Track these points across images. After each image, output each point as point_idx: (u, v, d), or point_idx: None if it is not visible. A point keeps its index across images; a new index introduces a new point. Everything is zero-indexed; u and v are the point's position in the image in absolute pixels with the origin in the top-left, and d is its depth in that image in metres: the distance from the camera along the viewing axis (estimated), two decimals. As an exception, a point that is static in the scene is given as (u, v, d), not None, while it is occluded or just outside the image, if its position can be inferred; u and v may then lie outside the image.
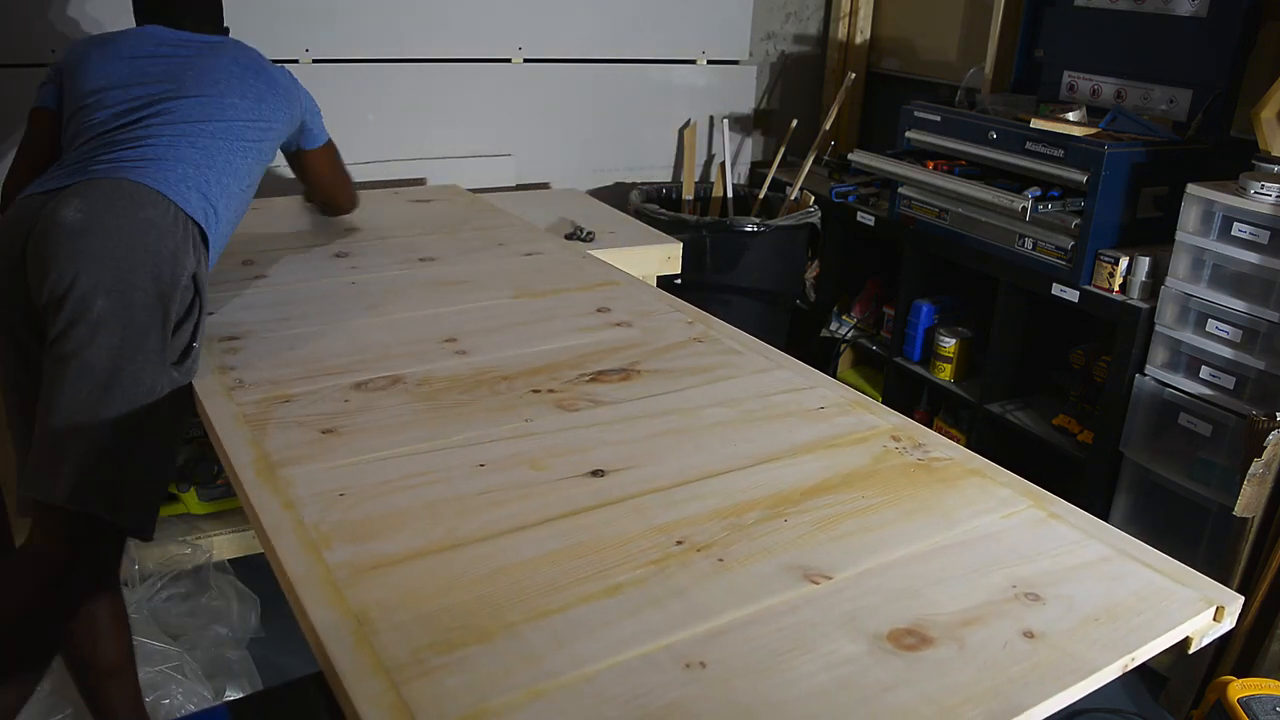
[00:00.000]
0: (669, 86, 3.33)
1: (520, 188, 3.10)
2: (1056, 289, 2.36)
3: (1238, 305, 2.03)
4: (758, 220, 2.90)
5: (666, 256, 2.44)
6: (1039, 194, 2.30)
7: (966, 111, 2.68)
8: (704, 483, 1.17)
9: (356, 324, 1.62)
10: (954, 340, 2.78)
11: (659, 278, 2.43)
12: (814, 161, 3.23)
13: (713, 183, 3.39)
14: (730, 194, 3.36)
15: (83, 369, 1.34)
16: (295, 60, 2.72)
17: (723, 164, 3.36)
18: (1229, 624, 0.99)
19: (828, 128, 3.22)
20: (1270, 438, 1.85)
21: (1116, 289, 2.25)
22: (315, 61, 2.75)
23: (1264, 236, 1.97)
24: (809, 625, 0.92)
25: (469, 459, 1.20)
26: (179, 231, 1.44)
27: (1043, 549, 1.07)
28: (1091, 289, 2.30)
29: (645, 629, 0.91)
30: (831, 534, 1.07)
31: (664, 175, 3.43)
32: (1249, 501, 1.89)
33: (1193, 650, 0.99)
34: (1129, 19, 2.52)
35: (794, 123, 3.35)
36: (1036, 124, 2.35)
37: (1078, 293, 2.32)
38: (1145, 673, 2.13)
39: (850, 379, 3.25)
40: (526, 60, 3.06)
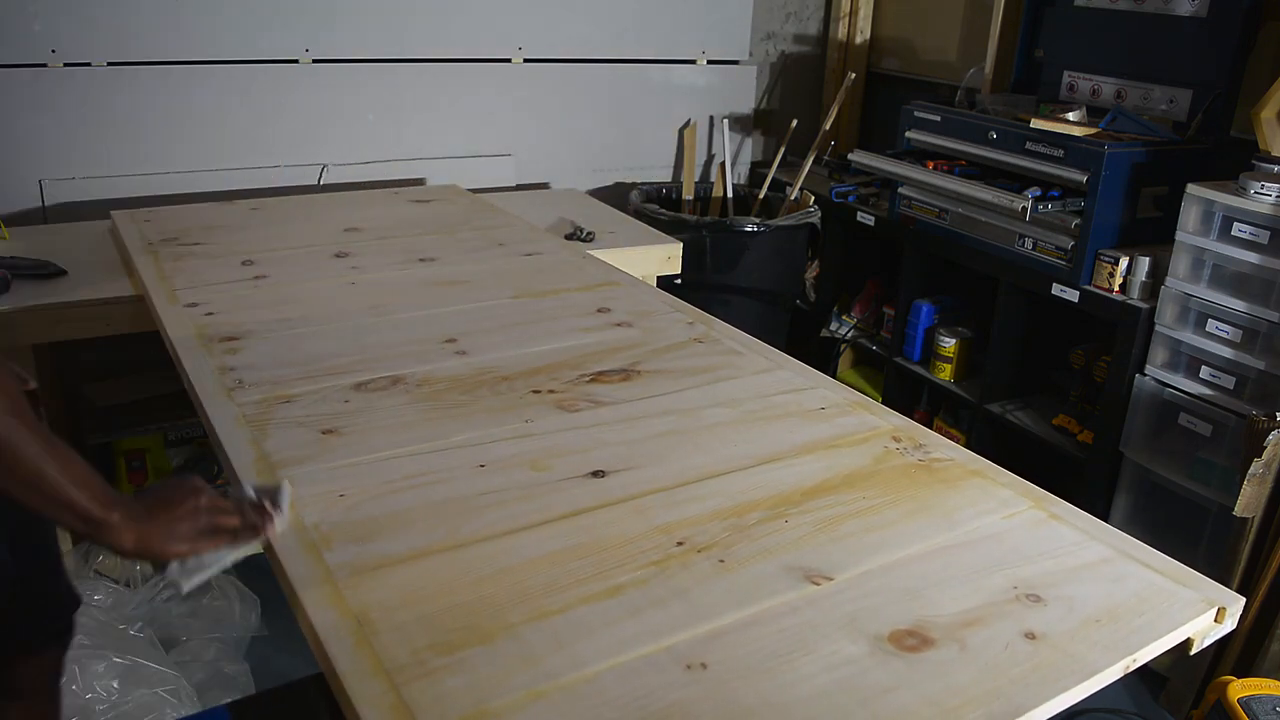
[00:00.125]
0: (669, 86, 3.33)
1: (520, 188, 3.10)
2: (1056, 289, 2.37)
3: (1238, 305, 2.03)
4: (758, 220, 2.89)
5: (666, 256, 2.44)
6: (1039, 194, 2.30)
7: (966, 111, 2.68)
8: (705, 483, 1.17)
9: (356, 324, 1.62)
10: (954, 340, 2.78)
11: (659, 278, 2.43)
12: (814, 161, 3.23)
13: (713, 183, 3.39)
14: (730, 194, 3.36)
15: None
16: (295, 60, 2.72)
17: (723, 164, 3.36)
18: (1230, 625, 0.99)
19: (828, 128, 3.22)
20: (1270, 438, 1.85)
21: (1116, 289, 2.26)
22: (315, 61, 2.75)
23: (1264, 236, 1.97)
24: (810, 626, 0.92)
25: (469, 459, 1.20)
26: None
27: (1044, 550, 1.06)
28: (1091, 289, 2.30)
29: (646, 630, 0.91)
30: (832, 535, 1.07)
31: (664, 175, 3.43)
32: (1249, 501, 1.89)
33: (1194, 651, 0.99)
34: (1129, 19, 2.52)
35: (794, 123, 3.35)
36: (1036, 124, 2.35)
37: (1078, 293, 2.32)
38: (1145, 673, 2.13)
39: (850, 379, 3.25)
40: (526, 60, 3.06)
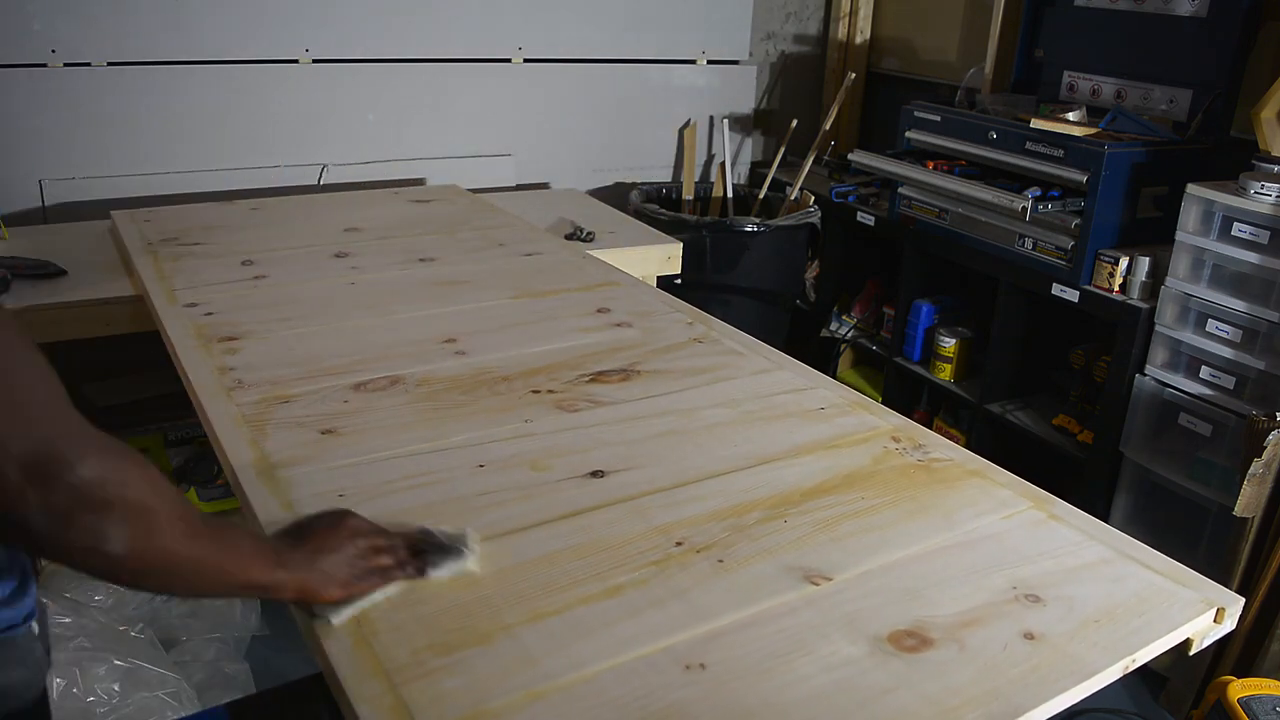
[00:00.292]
0: (669, 86, 3.33)
1: (520, 188, 3.10)
2: (1056, 289, 2.36)
3: (1238, 305, 2.03)
4: (758, 220, 2.89)
5: (666, 256, 2.43)
6: (1039, 194, 2.30)
7: (966, 111, 2.68)
8: (704, 484, 1.17)
9: (356, 324, 1.62)
10: (954, 340, 2.78)
11: (659, 278, 2.43)
12: (814, 161, 3.23)
13: (713, 183, 3.39)
14: (730, 194, 3.36)
15: None
16: (295, 60, 2.72)
17: (723, 164, 3.36)
18: (1229, 626, 0.99)
19: (828, 128, 3.21)
20: (1270, 438, 1.85)
21: (1116, 289, 2.25)
22: (315, 61, 2.75)
23: (1264, 236, 1.97)
24: (809, 627, 0.92)
25: (469, 460, 1.20)
26: None
27: (1043, 550, 1.06)
28: (1091, 289, 2.30)
29: (645, 630, 0.91)
30: (832, 535, 1.07)
31: (664, 175, 3.43)
32: (1249, 501, 1.89)
33: (1193, 652, 0.99)
34: (1129, 19, 2.51)
35: (794, 123, 3.35)
36: (1036, 124, 2.35)
37: (1078, 293, 2.32)
38: (1145, 673, 2.13)
39: (850, 379, 3.25)
40: (526, 60, 3.06)
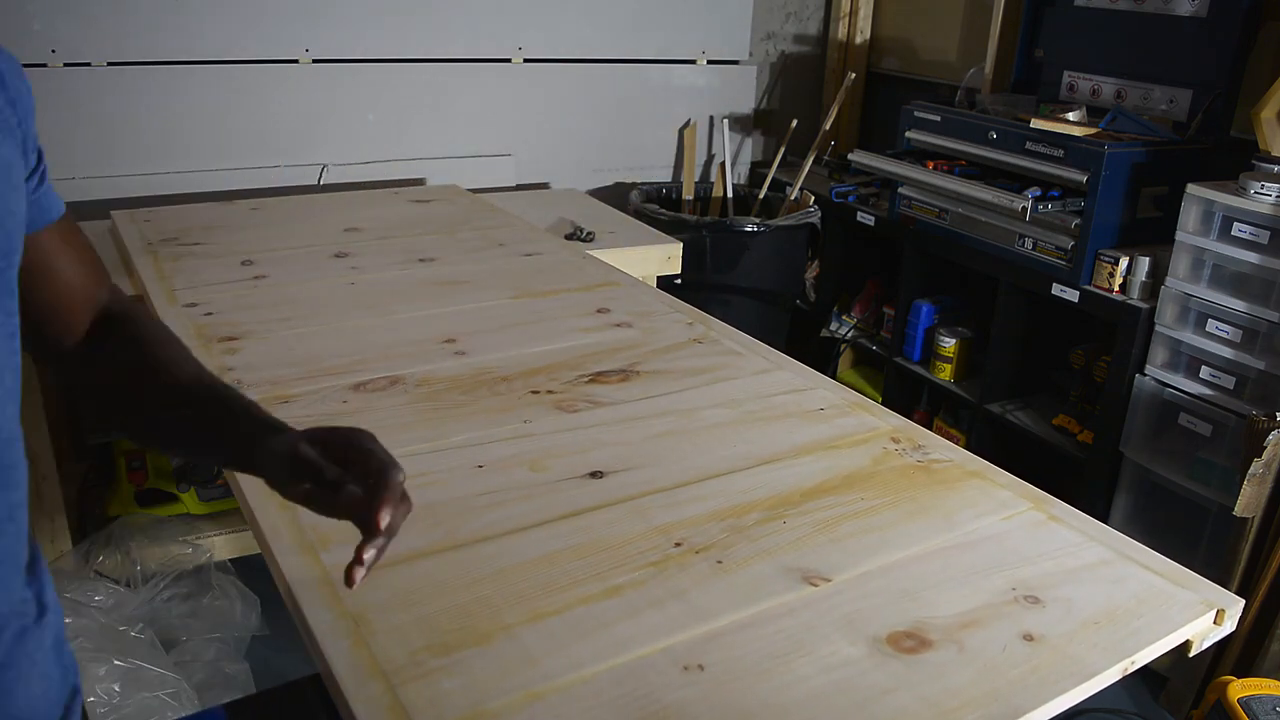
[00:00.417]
0: (669, 86, 3.33)
1: (520, 188, 3.10)
2: (1056, 289, 2.36)
3: (1238, 305, 2.03)
4: (758, 220, 2.89)
5: (666, 257, 2.43)
6: (1039, 194, 2.30)
7: (966, 111, 2.67)
8: (703, 484, 1.17)
9: (356, 324, 1.62)
10: (954, 340, 2.78)
11: (659, 278, 2.43)
12: (814, 161, 3.23)
13: (713, 183, 3.39)
14: (730, 194, 3.36)
15: None
16: (295, 60, 2.72)
17: (723, 164, 3.36)
18: (1229, 627, 0.99)
19: (828, 128, 3.21)
20: (1270, 438, 1.85)
21: (1116, 289, 2.25)
22: (315, 61, 2.75)
23: (1264, 236, 1.97)
24: (808, 628, 0.92)
25: (468, 460, 1.20)
26: None
27: (1043, 551, 1.06)
28: (1091, 289, 2.30)
29: (643, 631, 0.90)
30: (831, 536, 1.07)
31: (664, 175, 3.43)
32: (1249, 501, 1.89)
33: (1193, 654, 0.99)
34: (1129, 19, 2.51)
35: (794, 123, 3.35)
36: (1036, 124, 2.35)
37: (1078, 293, 2.32)
38: (1145, 672, 2.12)
39: (850, 379, 3.25)
40: (526, 60, 3.06)
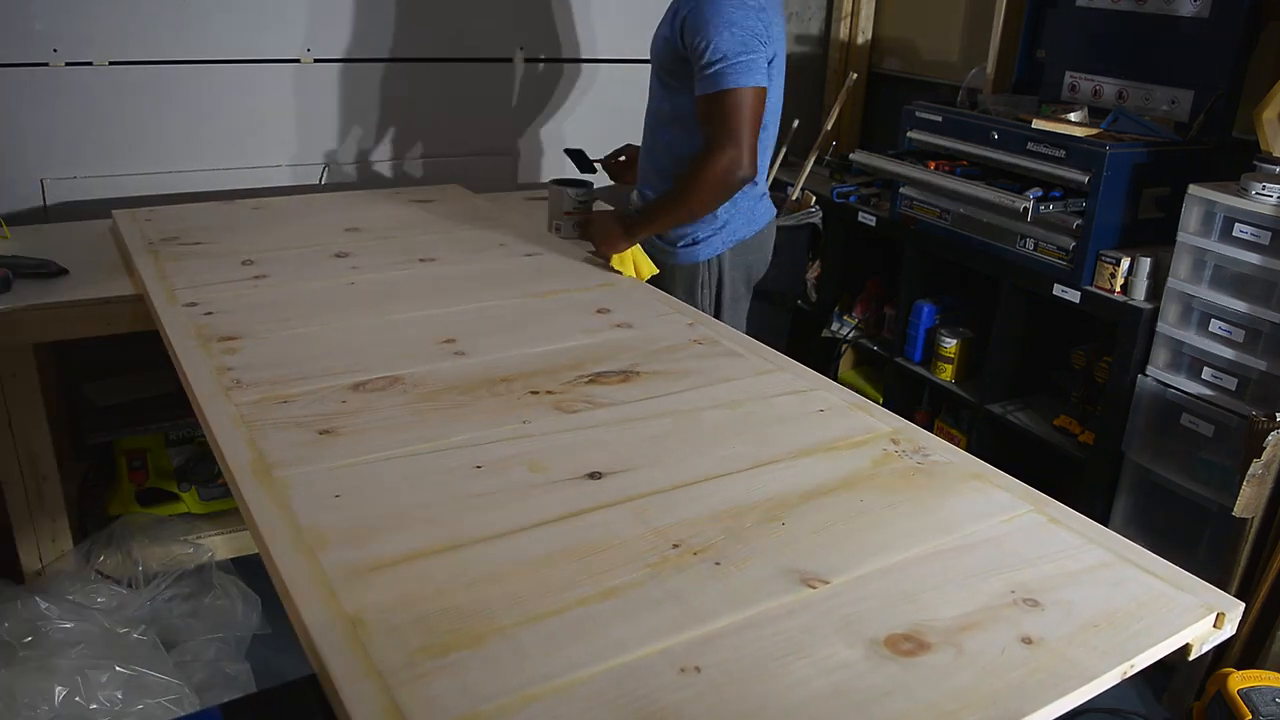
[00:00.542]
0: (670, 86, 3.32)
1: (520, 188, 3.10)
2: (1058, 289, 2.36)
3: (1239, 306, 2.02)
4: (758, 220, 2.88)
5: (667, 257, 2.42)
6: (1040, 194, 2.29)
7: (968, 112, 2.67)
8: (702, 485, 1.16)
9: (356, 324, 1.62)
10: (955, 340, 2.77)
11: (659, 278, 2.42)
12: (815, 162, 3.22)
13: (714, 182, 3.38)
14: (731, 194, 3.35)
15: None
16: (296, 60, 2.72)
17: (724, 164, 3.34)
18: (1229, 631, 0.99)
19: (829, 128, 3.20)
20: (1270, 438, 1.84)
21: (1118, 289, 2.25)
22: (316, 61, 2.75)
23: (1265, 237, 1.97)
24: (805, 630, 0.92)
25: (467, 460, 1.20)
26: None
27: (1042, 554, 1.06)
28: (1093, 289, 2.29)
29: (641, 632, 0.90)
30: (829, 538, 1.07)
31: (665, 175, 3.42)
32: (1248, 502, 1.89)
33: (1192, 657, 0.99)
34: (1131, 19, 2.51)
35: (795, 123, 3.34)
36: (1038, 124, 2.35)
37: (1079, 293, 2.31)
38: (1146, 669, 2.12)
39: (851, 379, 3.24)
40: (527, 60, 3.05)
